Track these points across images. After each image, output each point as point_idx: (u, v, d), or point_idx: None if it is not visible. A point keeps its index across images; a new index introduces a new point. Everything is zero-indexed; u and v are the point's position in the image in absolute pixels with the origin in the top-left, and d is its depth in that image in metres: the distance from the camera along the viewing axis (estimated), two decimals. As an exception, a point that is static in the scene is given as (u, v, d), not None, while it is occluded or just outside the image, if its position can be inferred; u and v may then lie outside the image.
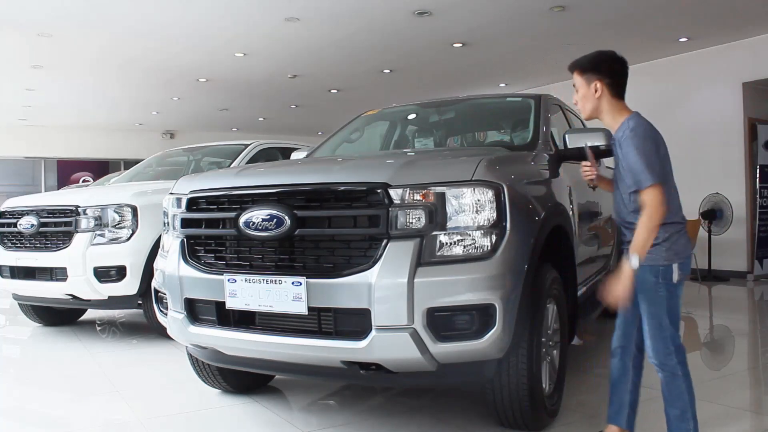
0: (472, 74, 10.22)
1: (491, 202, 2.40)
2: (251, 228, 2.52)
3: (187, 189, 2.88)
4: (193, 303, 2.76)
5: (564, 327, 3.02)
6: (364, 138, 4.47)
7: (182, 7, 6.85)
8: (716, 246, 8.41)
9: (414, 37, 8.07)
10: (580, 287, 3.55)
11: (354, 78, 10.42)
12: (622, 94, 2.54)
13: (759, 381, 3.86)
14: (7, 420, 3.25)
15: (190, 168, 6.12)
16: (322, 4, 6.83)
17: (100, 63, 9.12)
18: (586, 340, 4.88)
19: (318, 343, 2.44)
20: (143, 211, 4.69)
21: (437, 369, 2.39)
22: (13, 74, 9.66)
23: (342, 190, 2.48)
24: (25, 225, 4.89)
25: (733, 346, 4.91)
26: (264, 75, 10.12)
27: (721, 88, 8.60)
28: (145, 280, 4.51)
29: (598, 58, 2.53)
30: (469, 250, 2.37)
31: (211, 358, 2.96)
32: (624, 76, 2.53)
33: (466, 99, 4.71)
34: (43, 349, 4.95)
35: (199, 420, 3.12)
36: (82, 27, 7.42)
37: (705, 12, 7.20)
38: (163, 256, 2.99)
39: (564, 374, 3.04)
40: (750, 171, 8.57)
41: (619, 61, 2.53)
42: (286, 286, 2.43)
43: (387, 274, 2.30)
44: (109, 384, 3.78)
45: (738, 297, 7.45)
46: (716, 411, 3.12)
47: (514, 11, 7.09)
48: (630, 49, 8.64)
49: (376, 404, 3.36)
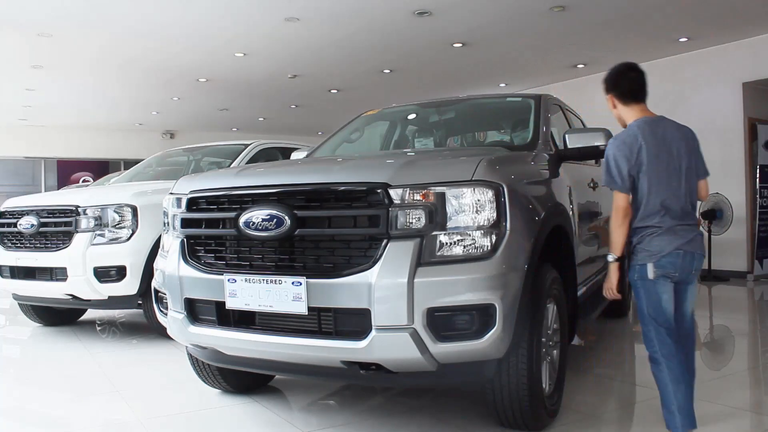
0: (472, 74, 10.23)
1: (491, 202, 2.41)
2: (251, 228, 2.52)
3: (187, 189, 2.88)
4: (193, 303, 2.76)
5: (564, 327, 3.02)
6: (364, 138, 4.48)
7: (182, 7, 6.85)
8: (716, 246, 8.41)
9: (414, 37, 8.07)
10: (580, 287, 3.56)
11: (354, 78, 10.42)
12: (632, 101, 2.75)
13: (759, 381, 3.86)
14: (7, 420, 3.25)
15: (190, 168, 6.12)
16: (322, 4, 6.83)
17: (100, 63, 9.12)
18: (586, 340, 4.88)
19: (318, 343, 2.44)
20: (143, 211, 4.69)
21: (437, 369, 2.39)
22: (13, 74, 9.66)
23: (342, 190, 2.48)
24: (25, 225, 4.89)
25: (733, 346, 4.91)
26: (264, 75, 10.12)
27: (721, 88, 8.60)
28: (145, 280, 4.51)
29: (606, 75, 2.81)
30: (469, 250, 2.37)
31: (211, 358, 2.96)
32: (628, 84, 2.75)
33: (466, 99, 4.71)
34: (43, 349, 4.95)
35: (199, 420, 3.12)
36: (82, 27, 7.42)
37: (705, 12, 7.20)
38: (163, 256, 2.99)
39: (564, 374, 3.04)
40: (750, 171, 8.57)
41: (620, 73, 2.77)
42: (286, 286, 2.43)
43: (387, 274, 2.30)
44: (109, 384, 3.78)
45: (738, 297, 7.45)
46: (716, 411, 3.12)
47: (514, 11, 7.09)
48: (630, 49, 8.67)
49: (376, 404, 3.36)
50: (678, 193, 2.62)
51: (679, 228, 2.61)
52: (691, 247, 2.62)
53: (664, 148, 2.62)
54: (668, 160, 2.61)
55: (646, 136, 2.62)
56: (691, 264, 2.63)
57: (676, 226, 2.61)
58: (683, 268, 2.61)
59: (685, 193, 2.63)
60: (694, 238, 2.64)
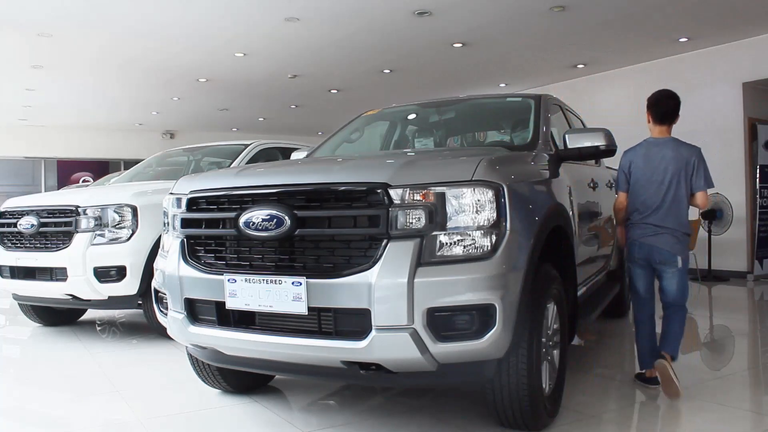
0: (472, 74, 10.23)
1: (491, 202, 2.40)
2: (251, 228, 2.52)
3: (187, 189, 2.88)
4: (193, 303, 2.76)
5: (564, 327, 3.02)
6: (364, 138, 4.48)
7: (182, 7, 6.85)
8: (716, 246, 8.41)
9: (414, 37, 8.07)
10: (580, 287, 3.56)
11: (354, 78, 10.43)
12: (659, 123, 3.47)
13: (759, 381, 3.86)
14: (7, 420, 3.25)
15: (190, 168, 6.12)
16: (322, 4, 6.83)
17: (100, 63, 9.12)
18: (586, 340, 4.88)
19: (318, 343, 2.44)
20: (143, 211, 4.69)
21: (437, 369, 2.39)
22: (13, 74, 9.66)
23: (342, 190, 2.48)
24: (25, 225, 4.89)
25: (733, 346, 4.91)
26: (264, 75, 10.12)
27: (721, 88, 8.60)
28: (145, 280, 4.51)
29: (651, 96, 3.52)
30: (469, 250, 2.37)
31: (211, 358, 2.96)
32: (661, 109, 3.45)
33: (466, 99, 4.71)
34: (43, 349, 4.95)
35: (199, 420, 3.12)
36: (82, 27, 7.42)
37: (705, 12, 7.20)
38: (163, 256, 2.99)
39: (564, 374, 3.04)
40: (750, 171, 8.57)
41: (660, 98, 3.48)
42: (286, 286, 2.43)
43: (387, 274, 2.30)
44: (109, 384, 3.78)
45: (738, 297, 7.45)
46: (716, 411, 3.12)
47: (514, 11, 7.09)
48: (630, 49, 8.68)
49: (376, 404, 3.36)
50: (654, 199, 3.36)
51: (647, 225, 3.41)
52: (655, 242, 3.38)
53: (650, 164, 3.39)
54: (652, 171, 3.38)
55: (639, 154, 3.46)
56: (656, 255, 3.40)
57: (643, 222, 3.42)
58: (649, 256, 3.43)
59: (662, 200, 3.34)
60: (661, 235, 3.36)
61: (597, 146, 3.31)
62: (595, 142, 3.32)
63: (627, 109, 9.36)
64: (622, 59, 9.30)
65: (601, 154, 3.42)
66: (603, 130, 3.36)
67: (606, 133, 3.34)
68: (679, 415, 3.23)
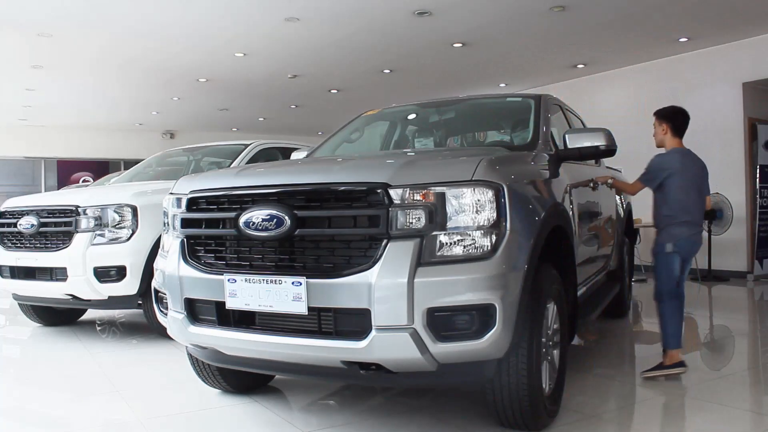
0: (472, 74, 10.23)
1: (491, 202, 2.40)
2: (251, 228, 2.52)
3: (187, 189, 2.88)
4: (193, 303, 2.76)
5: (564, 327, 3.02)
6: (364, 138, 4.48)
7: (182, 7, 6.85)
8: (716, 246, 8.41)
9: (414, 37, 8.07)
10: (580, 287, 3.56)
11: (354, 78, 10.42)
12: (678, 135, 3.85)
13: (759, 381, 3.86)
14: (7, 420, 3.25)
15: (190, 168, 6.11)
16: (322, 4, 6.83)
17: (100, 63, 9.12)
18: (586, 340, 4.88)
19: (318, 343, 2.44)
20: (143, 211, 4.69)
21: (437, 369, 2.39)
22: (13, 74, 9.66)
23: (342, 190, 2.47)
24: (25, 225, 4.89)
25: (733, 346, 4.91)
26: (264, 75, 10.12)
27: (721, 88, 8.60)
28: (145, 280, 4.51)
29: (666, 110, 3.91)
30: (469, 250, 2.37)
31: (211, 358, 2.96)
32: (682, 124, 3.84)
33: (466, 99, 4.71)
34: (43, 349, 4.95)
35: (199, 420, 3.12)
36: (82, 27, 7.42)
37: (705, 12, 7.20)
38: (163, 256, 2.99)
39: (564, 374, 3.04)
40: (750, 171, 8.57)
41: (679, 113, 3.86)
42: (286, 286, 2.43)
43: (387, 274, 2.30)
44: (109, 384, 3.78)
45: (738, 297, 7.45)
46: (716, 411, 3.12)
47: (514, 11, 7.09)
48: (630, 49, 8.68)
49: (376, 404, 3.36)
50: (697, 203, 3.79)
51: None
52: (699, 239, 3.84)
53: (687, 172, 3.77)
54: (691, 179, 3.77)
55: (677, 161, 3.78)
56: (697, 249, 3.87)
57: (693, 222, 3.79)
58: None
59: (701, 204, 3.82)
60: (700, 234, 3.85)
61: (597, 146, 3.32)
62: (595, 142, 3.32)
63: (627, 109, 9.37)
64: (622, 59, 9.30)
65: (602, 154, 3.42)
66: (603, 130, 3.36)
67: (606, 133, 3.34)
68: (679, 415, 3.23)
